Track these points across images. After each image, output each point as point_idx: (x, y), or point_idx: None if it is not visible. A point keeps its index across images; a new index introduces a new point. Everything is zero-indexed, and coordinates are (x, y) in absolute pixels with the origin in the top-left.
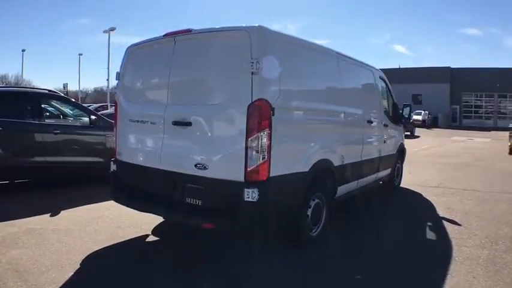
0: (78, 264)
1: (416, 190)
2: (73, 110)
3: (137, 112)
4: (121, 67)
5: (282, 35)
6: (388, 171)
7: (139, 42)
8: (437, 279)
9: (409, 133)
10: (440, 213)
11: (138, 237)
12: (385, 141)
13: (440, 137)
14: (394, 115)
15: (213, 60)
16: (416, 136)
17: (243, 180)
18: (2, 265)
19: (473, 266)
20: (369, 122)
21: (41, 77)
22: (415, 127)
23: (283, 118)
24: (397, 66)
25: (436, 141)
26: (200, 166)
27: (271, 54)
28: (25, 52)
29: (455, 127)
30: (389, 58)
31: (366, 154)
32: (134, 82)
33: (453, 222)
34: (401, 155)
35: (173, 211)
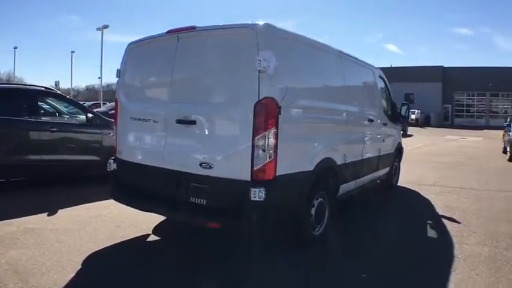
0: (79, 264)
1: (413, 188)
2: (69, 108)
3: (139, 110)
4: (121, 64)
5: (288, 33)
6: (387, 169)
7: (140, 39)
8: (442, 276)
9: (402, 132)
10: (439, 211)
11: (139, 236)
12: (385, 140)
13: (433, 136)
14: (393, 114)
15: (218, 57)
16: (409, 135)
17: (250, 179)
18: (2, 266)
19: (475, 263)
20: (370, 121)
21: (33, 75)
22: (408, 126)
23: (289, 116)
24: (389, 65)
25: (430, 140)
26: (205, 165)
27: (277, 52)
28: (17, 49)
29: (447, 126)
30: (381, 57)
31: (367, 153)
32: (135, 80)
33: (452, 220)
34: (399, 154)
35: (177, 210)
